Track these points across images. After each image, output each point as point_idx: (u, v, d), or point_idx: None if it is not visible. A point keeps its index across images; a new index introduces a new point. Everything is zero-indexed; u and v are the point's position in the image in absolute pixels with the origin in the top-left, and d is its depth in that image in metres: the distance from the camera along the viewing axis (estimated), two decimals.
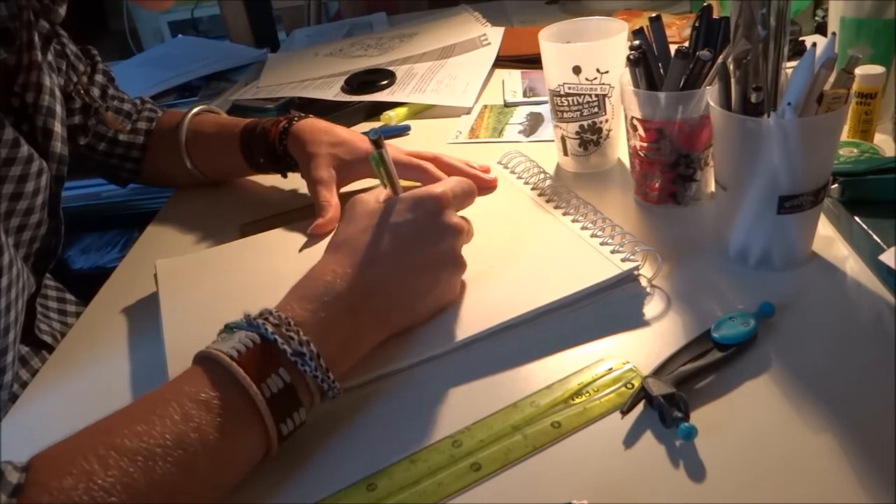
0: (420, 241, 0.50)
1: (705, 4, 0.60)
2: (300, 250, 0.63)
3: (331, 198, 0.66)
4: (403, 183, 0.72)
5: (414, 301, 0.50)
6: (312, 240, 0.64)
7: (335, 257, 0.49)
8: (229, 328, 0.45)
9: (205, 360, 0.42)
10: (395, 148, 0.70)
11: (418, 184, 0.69)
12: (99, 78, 0.78)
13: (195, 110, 0.79)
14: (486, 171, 0.71)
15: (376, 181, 0.73)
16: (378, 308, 0.48)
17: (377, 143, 0.52)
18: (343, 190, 0.70)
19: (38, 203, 0.63)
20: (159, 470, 0.37)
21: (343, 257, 0.49)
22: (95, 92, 0.77)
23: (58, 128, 0.67)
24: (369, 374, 0.48)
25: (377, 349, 0.50)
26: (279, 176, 0.76)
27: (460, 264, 0.53)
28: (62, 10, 0.66)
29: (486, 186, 0.68)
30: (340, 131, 0.70)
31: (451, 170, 0.68)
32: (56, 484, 0.35)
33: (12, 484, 0.34)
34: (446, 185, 0.53)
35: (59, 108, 0.67)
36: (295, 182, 0.77)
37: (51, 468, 0.36)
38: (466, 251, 0.53)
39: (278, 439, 0.42)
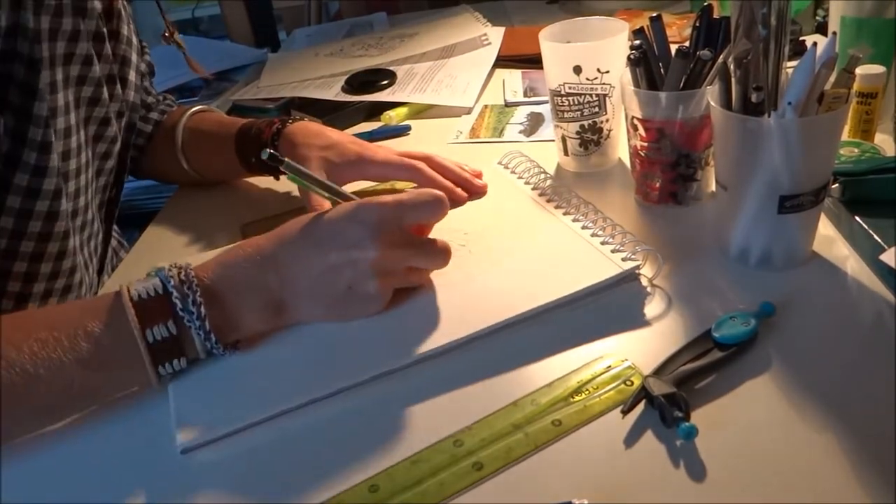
0: (331, 245, 0.50)
1: (706, 4, 0.60)
2: None
3: (322, 202, 0.65)
4: (400, 185, 0.72)
5: (309, 299, 0.51)
6: None
7: (265, 238, 0.52)
8: (155, 270, 0.49)
9: (118, 294, 0.48)
10: (387, 149, 0.70)
11: (413, 185, 0.69)
12: (143, 67, 0.79)
13: (193, 110, 0.79)
14: (479, 175, 0.70)
15: (370, 183, 0.73)
16: (275, 291, 0.50)
17: (274, 159, 0.51)
18: None
19: (114, 150, 0.69)
20: (37, 389, 0.44)
21: (269, 239, 0.52)
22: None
23: (132, 76, 0.71)
24: (369, 372, 0.48)
25: (376, 345, 0.50)
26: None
27: (374, 288, 0.51)
28: None
29: (474, 191, 0.68)
30: (331, 134, 0.70)
31: (442, 170, 0.68)
32: None
33: None
34: (403, 196, 0.52)
35: (134, 57, 0.71)
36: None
37: None
38: (468, 250, 0.53)
39: (157, 378, 0.48)
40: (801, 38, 0.92)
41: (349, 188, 0.71)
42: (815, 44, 0.49)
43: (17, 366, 0.44)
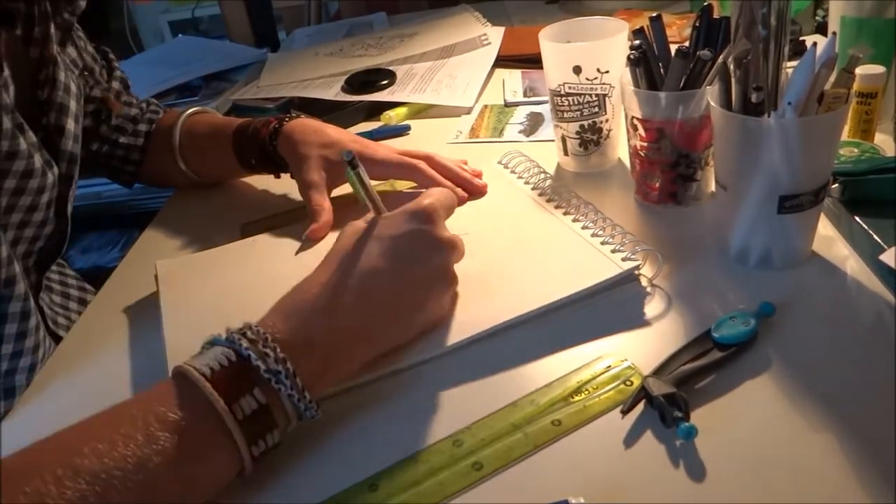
0: (413, 256, 0.48)
1: (705, 4, 0.60)
2: (296, 253, 0.63)
3: (323, 201, 0.66)
4: (399, 185, 0.72)
5: (402, 317, 0.49)
6: (308, 243, 0.64)
7: (323, 271, 0.48)
8: (209, 343, 0.43)
9: (179, 376, 0.41)
10: (388, 147, 0.70)
11: (413, 183, 0.69)
12: (115, 84, 0.78)
13: (189, 112, 0.79)
14: (479, 175, 0.70)
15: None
16: (364, 324, 0.46)
17: (352, 164, 0.51)
18: (335, 193, 0.69)
19: (42, 201, 0.62)
20: (117, 495, 0.35)
21: (330, 272, 0.47)
22: (110, 92, 0.76)
23: (70, 125, 0.66)
24: (369, 374, 0.48)
25: None
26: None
27: (452, 281, 0.51)
28: (82, 2, 0.65)
29: (474, 192, 0.68)
30: (331, 131, 0.69)
31: (443, 170, 0.68)
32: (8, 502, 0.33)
33: None
34: (433, 196, 0.51)
35: (73, 105, 0.67)
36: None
37: (6, 484, 0.34)
38: (468, 250, 0.53)
39: (251, 460, 0.40)
40: (801, 38, 0.92)
41: (347, 187, 0.71)
42: (815, 44, 0.49)
43: (86, 474, 0.35)
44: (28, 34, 0.62)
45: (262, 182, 0.80)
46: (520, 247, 0.59)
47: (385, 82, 0.98)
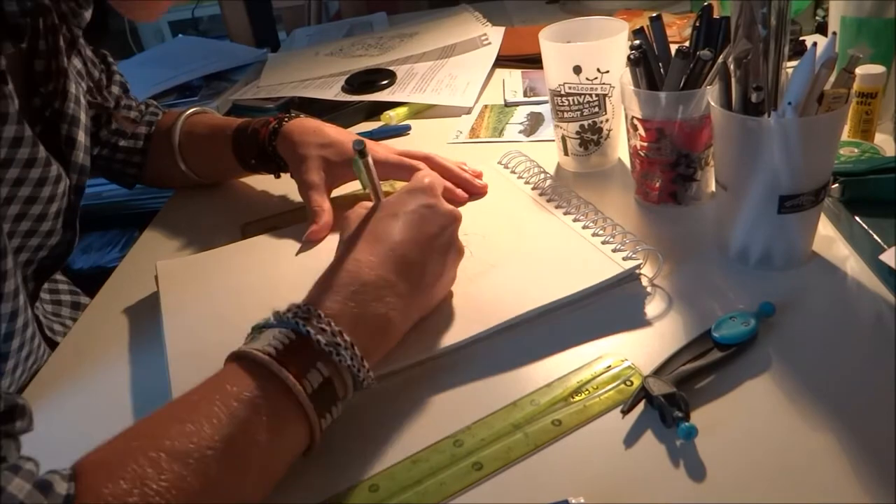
0: (431, 226, 0.50)
1: (706, 4, 0.60)
2: (296, 254, 0.63)
3: (322, 202, 0.66)
4: (398, 185, 0.72)
5: (430, 286, 0.51)
6: (308, 244, 0.64)
7: (355, 249, 0.49)
8: (257, 328, 0.44)
9: (242, 359, 0.42)
10: (387, 147, 0.70)
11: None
12: (115, 89, 0.78)
13: (188, 112, 0.79)
14: (479, 175, 0.70)
15: None
16: (403, 294, 0.48)
17: (362, 153, 0.52)
18: (335, 193, 0.70)
19: (51, 210, 0.62)
20: (212, 472, 0.36)
21: (363, 248, 0.49)
22: (110, 102, 0.76)
23: (81, 137, 0.66)
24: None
25: None
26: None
27: (461, 250, 0.54)
28: (87, 14, 0.65)
29: (474, 192, 0.68)
30: (330, 131, 0.69)
31: (443, 171, 0.68)
32: (110, 490, 0.34)
33: (62, 495, 0.33)
34: (428, 174, 0.55)
35: (83, 117, 0.67)
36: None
37: (100, 473, 0.35)
38: (469, 251, 0.53)
39: (321, 434, 0.42)
40: (801, 38, 0.92)
41: (347, 188, 0.71)
42: (815, 44, 0.49)
43: (180, 455, 0.36)
44: (34, 47, 0.61)
45: (262, 182, 0.80)
46: (520, 247, 0.59)
47: (385, 82, 0.98)
